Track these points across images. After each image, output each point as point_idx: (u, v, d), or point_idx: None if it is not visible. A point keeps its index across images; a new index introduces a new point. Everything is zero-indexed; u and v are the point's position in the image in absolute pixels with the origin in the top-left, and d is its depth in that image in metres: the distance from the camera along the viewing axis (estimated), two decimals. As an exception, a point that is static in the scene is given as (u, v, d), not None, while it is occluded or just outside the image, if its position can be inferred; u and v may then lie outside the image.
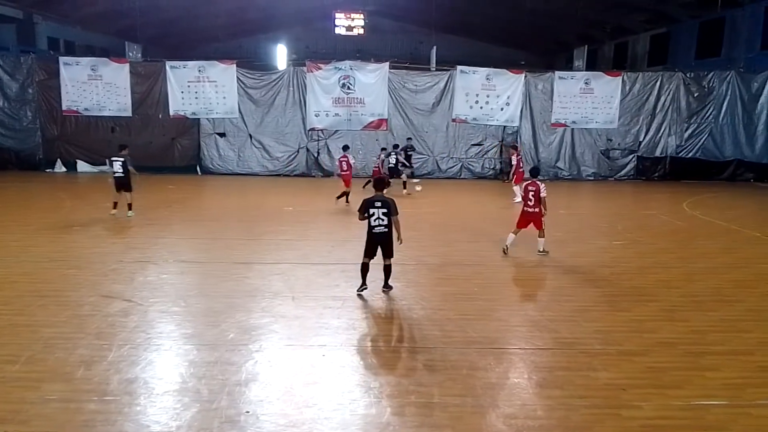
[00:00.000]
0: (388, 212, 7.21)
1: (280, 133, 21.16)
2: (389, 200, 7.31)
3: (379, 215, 7.21)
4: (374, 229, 7.30)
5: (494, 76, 20.98)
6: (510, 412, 4.69)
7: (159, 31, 31.45)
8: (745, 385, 5.18)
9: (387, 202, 7.25)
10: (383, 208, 7.21)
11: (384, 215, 7.21)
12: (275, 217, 13.15)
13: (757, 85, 21.20)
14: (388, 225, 7.26)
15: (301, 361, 5.55)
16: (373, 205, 7.26)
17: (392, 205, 7.24)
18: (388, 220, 7.23)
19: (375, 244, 7.36)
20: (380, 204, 7.24)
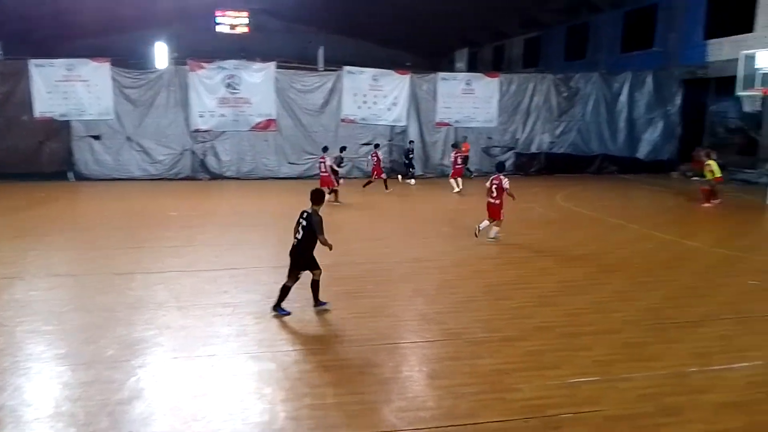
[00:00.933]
0: (308, 226, 6.81)
1: (162, 134, 20.17)
2: (313, 216, 6.86)
3: (298, 228, 6.93)
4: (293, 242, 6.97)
5: (381, 77, 21.37)
6: (402, 405, 4.81)
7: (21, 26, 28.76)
8: (613, 362, 5.67)
9: (310, 218, 6.84)
10: (304, 222, 6.88)
11: (302, 228, 6.86)
12: (159, 224, 12.54)
13: (618, 85, 23.28)
14: (300, 239, 6.86)
15: (188, 374, 5.34)
16: (300, 216, 7.01)
17: (314, 222, 6.80)
18: (303, 233, 6.84)
19: (291, 259, 6.98)
20: (305, 216, 6.93)
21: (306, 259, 6.93)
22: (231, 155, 20.74)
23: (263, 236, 11.46)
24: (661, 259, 9.81)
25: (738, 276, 8.82)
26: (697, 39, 22.36)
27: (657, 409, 4.75)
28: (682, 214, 14.90)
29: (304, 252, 6.91)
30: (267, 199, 16.60)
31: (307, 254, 6.93)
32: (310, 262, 6.96)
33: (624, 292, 7.95)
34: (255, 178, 20.75)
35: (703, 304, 7.41)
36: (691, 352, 5.88)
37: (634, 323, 6.71)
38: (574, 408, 4.75)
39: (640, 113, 23.35)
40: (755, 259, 9.94)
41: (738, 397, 4.94)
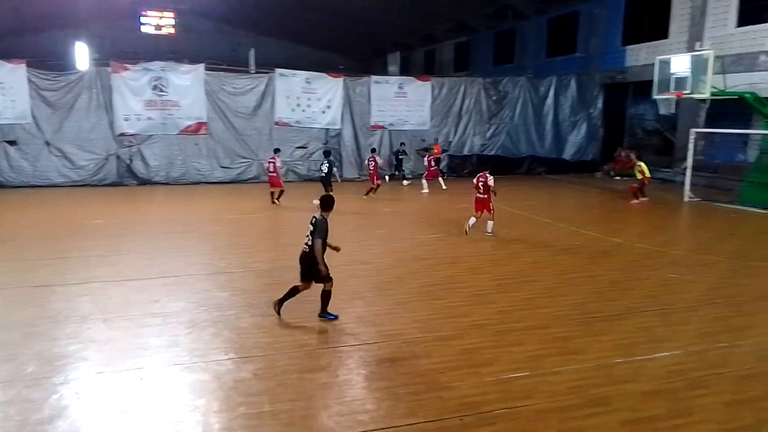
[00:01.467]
0: (313, 232, 6.64)
1: (84, 139, 19.22)
2: (320, 222, 6.66)
3: (308, 233, 6.72)
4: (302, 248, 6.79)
5: (314, 80, 21.25)
6: (340, 409, 4.79)
7: None
8: (543, 356, 5.86)
9: (317, 223, 6.65)
10: (312, 227, 6.69)
11: (311, 234, 6.67)
12: (83, 232, 11.93)
13: (544, 89, 24.15)
14: (310, 245, 6.67)
15: (115, 389, 5.11)
16: (310, 222, 6.77)
17: (318, 228, 6.60)
18: (312, 240, 6.66)
19: (300, 266, 6.82)
20: (312, 222, 6.72)
21: (312, 267, 6.67)
22: (160, 160, 20.03)
23: (196, 243, 11.13)
24: (587, 255, 10.24)
25: (658, 270, 9.32)
26: (616, 45, 23.55)
27: (585, 400, 4.94)
28: (606, 212, 15.62)
29: (310, 259, 6.66)
30: (199, 204, 16.14)
31: (312, 261, 6.66)
32: (316, 271, 6.67)
33: (553, 288, 8.24)
34: (186, 183, 20.13)
35: (627, 298, 7.78)
36: (615, 344, 6.16)
37: (563, 318, 6.96)
38: (507, 403, 4.87)
39: (565, 116, 24.34)
40: (673, 253, 10.54)
41: (660, 386, 5.21)
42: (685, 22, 20.21)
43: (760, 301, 7.82)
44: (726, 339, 6.33)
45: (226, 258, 9.83)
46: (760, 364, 5.69)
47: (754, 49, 17.81)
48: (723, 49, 17.97)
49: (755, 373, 5.50)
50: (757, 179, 15.52)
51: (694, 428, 4.53)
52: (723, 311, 7.28)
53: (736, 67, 17.72)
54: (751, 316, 7.14)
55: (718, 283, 8.53)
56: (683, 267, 9.55)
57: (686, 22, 20.13)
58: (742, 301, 7.74)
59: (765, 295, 8.06)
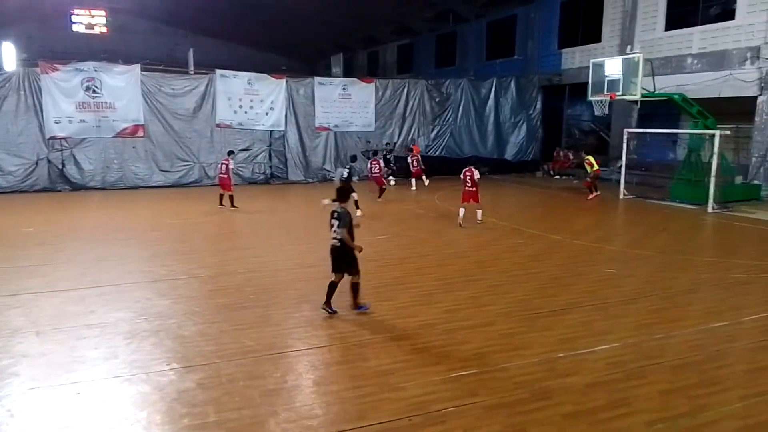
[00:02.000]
0: (340, 224, 6.84)
1: (12, 143, 18.29)
2: (343, 212, 6.90)
3: (334, 227, 6.88)
4: (331, 242, 6.98)
5: (256, 81, 20.95)
6: (288, 416, 4.71)
7: None
8: (490, 353, 5.95)
9: (341, 215, 6.87)
10: (337, 220, 6.86)
11: (337, 227, 6.85)
12: (11, 241, 11.32)
13: (485, 90, 24.67)
14: (342, 239, 6.86)
15: (50, 405, 4.85)
16: (331, 216, 6.95)
17: (343, 218, 6.84)
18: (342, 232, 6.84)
19: (332, 259, 7.03)
20: (336, 215, 6.90)
21: (348, 260, 6.94)
22: (95, 164, 19.26)
23: (135, 250, 10.74)
24: (529, 253, 10.49)
25: (596, 265, 9.66)
26: (552, 48, 24.32)
27: (531, 394, 5.05)
28: (547, 210, 16.06)
29: (347, 251, 6.89)
30: (138, 209, 15.59)
31: (350, 254, 6.92)
32: (352, 264, 6.96)
33: (497, 285, 8.40)
34: (123, 187, 19.44)
35: (567, 293, 8.02)
36: (558, 338, 6.33)
37: (507, 315, 7.11)
38: (455, 401, 4.92)
39: (506, 117, 24.94)
40: (610, 249, 10.95)
41: (600, 378, 5.39)
42: (616, 27, 21.08)
43: (692, 293, 8.22)
44: (661, 330, 6.61)
45: (168, 264, 9.53)
46: (694, 354, 5.97)
47: (681, 52, 18.76)
48: (652, 52, 18.86)
49: (689, 362, 5.77)
50: (686, 176, 16.34)
51: (633, 418, 4.70)
52: (658, 304, 7.61)
53: (664, 69, 18.62)
54: (684, 308, 7.49)
55: (652, 277, 8.91)
56: (619, 262, 9.93)
57: (618, 26, 21.00)
58: (675, 293, 8.11)
59: (696, 287, 8.48)
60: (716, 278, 8.88)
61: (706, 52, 18.05)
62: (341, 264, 7.00)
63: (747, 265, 9.63)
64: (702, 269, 9.45)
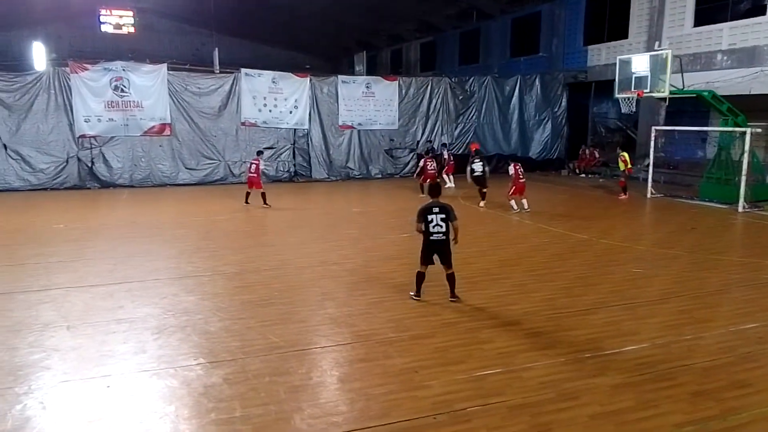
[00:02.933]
0: (447, 218, 7.08)
1: (43, 141, 18.70)
2: (447, 206, 7.16)
3: (437, 221, 7.06)
4: (432, 236, 7.13)
5: (280, 80, 21.08)
6: (313, 412, 4.74)
7: None
8: (515, 352, 5.90)
9: (445, 208, 7.11)
10: (441, 214, 7.07)
11: (442, 221, 7.07)
12: (43, 237, 11.58)
13: (509, 88, 24.46)
14: (446, 232, 7.11)
15: (81, 397, 4.96)
16: (431, 211, 7.10)
17: (451, 211, 7.12)
18: (446, 226, 7.09)
19: (432, 252, 7.22)
20: (438, 210, 7.09)
21: (448, 253, 7.19)
22: (123, 162, 19.60)
23: (162, 247, 10.90)
24: (554, 251, 10.38)
25: (623, 265, 9.52)
26: (577, 45, 24.01)
27: (557, 395, 5.00)
28: (572, 209, 15.86)
29: (448, 244, 7.17)
30: (164, 207, 15.83)
31: (449, 247, 7.20)
32: (450, 256, 7.21)
33: (522, 285, 8.33)
34: (150, 185, 19.75)
35: (593, 293, 7.92)
36: (585, 338, 6.26)
37: (533, 314, 7.04)
38: (480, 400, 4.89)
39: (530, 115, 24.70)
40: (637, 248, 10.78)
41: (628, 379, 5.31)
42: (644, 23, 20.73)
43: (721, 293, 8.06)
44: (690, 331, 6.49)
45: (194, 261, 9.66)
46: (724, 355, 5.85)
47: (710, 49, 18.38)
48: (681, 48, 18.50)
49: (719, 364, 5.66)
50: (716, 175, 16.02)
51: (661, 420, 4.62)
52: (687, 304, 7.47)
53: (693, 66, 18.26)
54: (714, 309, 7.35)
55: (681, 277, 8.75)
56: (647, 261, 9.77)
57: (645, 22, 20.64)
58: (704, 293, 7.96)
59: (725, 288, 8.31)
60: (747, 279, 8.68)
61: (736, 48, 17.64)
62: (441, 256, 7.22)
63: (779, 265, 9.40)
64: (732, 269, 9.25)
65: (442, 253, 7.20)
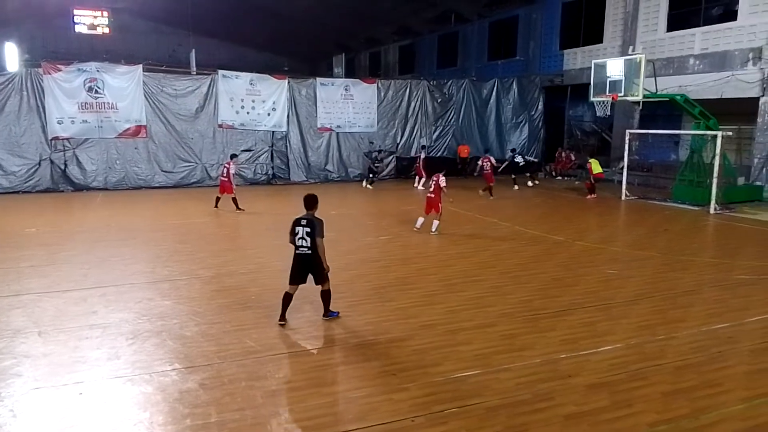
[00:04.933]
0: (312, 232, 6.62)
1: (15, 143, 18.35)
2: (316, 220, 6.70)
3: (302, 235, 6.66)
4: (297, 250, 6.74)
5: (258, 82, 20.97)
6: (290, 417, 4.72)
7: None
8: (492, 354, 5.95)
9: (312, 222, 6.66)
10: (307, 227, 6.64)
11: (307, 235, 6.63)
12: (14, 241, 11.34)
13: (486, 91, 24.67)
14: (311, 247, 6.65)
15: (53, 405, 4.87)
16: (299, 223, 6.72)
17: (318, 226, 6.64)
18: (311, 240, 6.63)
19: (299, 268, 6.75)
20: (305, 223, 6.67)
21: (317, 268, 6.70)
22: (97, 164, 19.31)
23: (137, 250, 10.75)
24: (530, 253, 10.49)
25: (598, 266, 9.66)
26: (554, 49, 24.31)
27: (533, 395, 5.05)
28: (548, 211, 16.02)
29: (316, 260, 6.67)
30: (140, 210, 15.62)
31: (318, 262, 6.68)
32: (321, 272, 6.73)
33: (499, 286, 8.40)
34: (126, 188, 19.48)
35: (569, 294, 8.02)
36: (560, 339, 6.33)
37: (510, 316, 7.11)
38: (458, 402, 4.92)
39: (508, 118, 24.94)
40: (611, 250, 10.94)
41: (602, 378, 5.39)
42: (618, 27, 21.07)
43: (693, 294, 8.21)
44: (663, 331, 6.61)
45: (170, 265, 9.55)
46: (695, 355, 5.96)
47: (683, 53, 18.74)
48: (654, 53, 18.85)
49: (691, 363, 5.77)
50: (688, 177, 16.33)
51: (635, 419, 4.69)
52: (659, 304, 7.60)
53: (666, 70, 18.61)
54: (686, 309, 7.48)
55: (654, 278, 8.90)
56: (621, 263, 9.93)
57: (620, 27, 20.99)
58: (677, 294, 8.10)
59: (697, 288, 8.47)
60: (718, 279, 8.87)
61: (708, 53, 18.02)
62: (306, 274, 6.78)
63: (749, 266, 9.61)
64: (704, 270, 9.44)
65: (304, 268, 6.75)
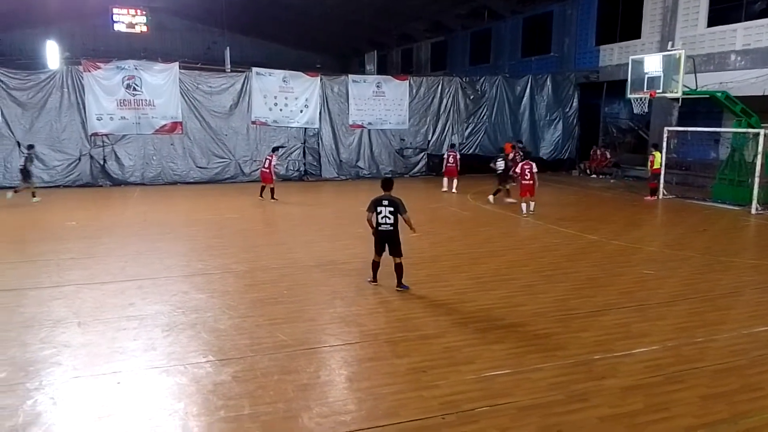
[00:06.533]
0: (395, 211, 7.63)
1: (56, 139, 18.87)
2: (396, 199, 7.69)
3: (385, 213, 7.65)
4: (380, 227, 7.73)
5: (291, 79, 21.13)
6: (322, 410, 4.75)
7: None
8: (524, 353, 5.88)
9: (394, 201, 7.67)
10: (390, 207, 7.64)
11: (390, 214, 7.64)
12: (55, 234, 11.69)
13: (520, 88, 24.37)
14: (393, 223, 7.67)
15: (92, 393, 5.00)
16: (380, 203, 7.69)
17: (400, 205, 7.66)
18: (394, 218, 7.65)
19: (382, 242, 7.81)
20: (387, 203, 7.67)
21: (397, 243, 7.76)
22: (134, 160, 19.75)
23: (173, 244, 10.97)
24: (564, 252, 10.33)
25: (633, 266, 9.45)
26: (589, 45, 23.86)
27: (566, 396, 4.98)
28: (583, 210, 15.78)
29: (396, 235, 7.75)
30: (175, 205, 15.92)
31: (397, 237, 7.76)
32: (399, 246, 7.78)
33: (531, 285, 8.30)
34: (162, 183, 19.88)
35: (604, 294, 7.87)
36: (594, 340, 6.22)
37: (542, 315, 7.01)
38: (489, 401, 4.88)
39: (541, 115, 24.59)
40: (648, 249, 10.70)
41: (638, 381, 5.27)
42: (656, 23, 20.57)
43: (733, 296, 7.98)
44: (701, 334, 6.44)
45: (204, 259, 9.71)
46: (735, 359, 5.79)
47: (723, 49, 18.20)
48: (694, 48, 18.35)
49: (730, 367, 5.60)
50: (729, 176, 15.87)
51: (672, 423, 4.58)
52: (698, 306, 7.41)
53: (706, 66, 18.11)
54: (725, 311, 7.28)
55: (693, 279, 8.68)
56: (658, 263, 9.70)
57: (658, 22, 20.48)
58: (716, 296, 7.89)
59: (737, 290, 8.23)
60: (759, 281, 8.60)
61: (750, 48, 17.46)
62: (391, 248, 7.79)
63: (793, 268, 9.30)
64: (744, 272, 9.17)
65: (390, 243, 7.77)
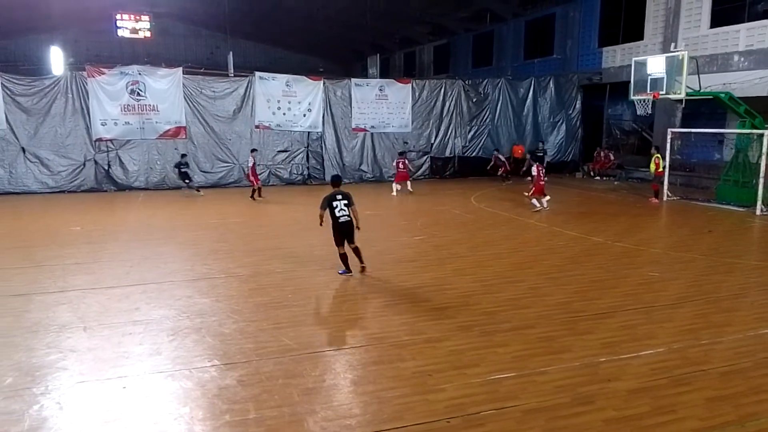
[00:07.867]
0: (349, 203, 8.51)
1: (60, 144, 18.95)
2: (347, 193, 8.59)
3: (341, 207, 8.47)
4: (340, 219, 8.50)
5: (294, 83, 21.17)
6: (327, 414, 4.75)
7: None
8: (529, 356, 5.87)
9: (347, 195, 8.56)
10: (344, 200, 8.51)
11: (345, 206, 8.50)
12: (60, 239, 11.73)
13: (523, 90, 24.35)
14: (349, 214, 8.54)
15: (98, 398, 5.01)
16: (335, 198, 8.48)
17: (351, 197, 8.57)
18: (348, 210, 8.50)
19: (342, 233, 8.56)
20: (341, 197, 8.51)
21: (353, 230, 8.63)
22: (139, 165, 19.82)
23: (177, 249, 10.99)
24: (569, 255, 10.31)
25: (639, 268, 9.43)
26: (592, 47, 23.84)
27: (572, 399, 4.96)
28: (587, 212, 15.74)
29: (352, 224, 8.58)
30: (179, 209, 15.96)
31: (352, 226, 8.60)
32: (353, 234, 8.67)
33: (536, 288, 8.28)
34: (166, 188, 19.92)
35: (609, 296, 7.85)
36: (600, 342, 6.21)
37: (547, 318, 7.00)
38: (495, 404, 4.87)
39: (545, 117, 24.57)
40: (653, 251, 10.68)
41: (644, 383, 5.26)
42: (659, 24, 20.54)
43: (738, 297, 7.95)
44: (707, 336, 6.42)
45: (208, 263, 9.73)
46: (742, 360, 5.77)
47: (727, 50, 18.16)
48: (697, 49, 18.30)
49: (736, 369, 5.58)
50: (733, 177, 15.82)
51: (678, 425, 4.57)
52: (703, 308, 7.39)
53: (710, 67, 18.06)
54: (730, 313, 7.25)
55: (698, 281, 8.65)
56: (663, 265, 9.68)
57: (661, 23, 20.46)
58: (721, 297, 7.87)
59: (743, 292, 8.20)
60: (764, 283, 8.57)
61: (754, 49, 17.41)
62: (350, 235, 8.64)
63: (799, 269, 9.26)
64: (749, 273, 9.13)
65: (349, 232, 8.59)
